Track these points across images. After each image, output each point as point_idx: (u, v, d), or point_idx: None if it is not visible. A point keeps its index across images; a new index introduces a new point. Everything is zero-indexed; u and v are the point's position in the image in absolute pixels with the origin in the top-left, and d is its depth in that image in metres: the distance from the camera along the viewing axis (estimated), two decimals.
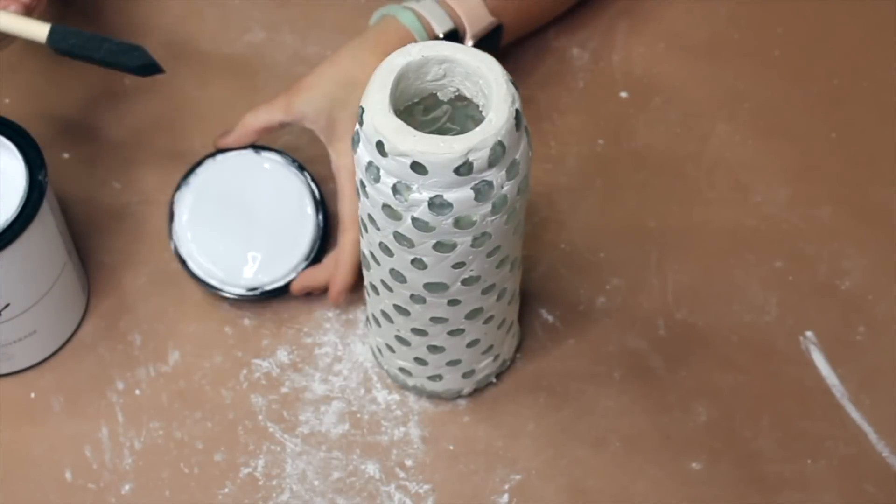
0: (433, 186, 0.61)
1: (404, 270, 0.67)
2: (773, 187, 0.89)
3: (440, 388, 0.78)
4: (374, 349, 0.80)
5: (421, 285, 0.68)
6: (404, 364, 0.77)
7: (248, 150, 0.84)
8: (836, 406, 0.81)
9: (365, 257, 0.71)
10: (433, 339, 0.73)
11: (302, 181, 0.83)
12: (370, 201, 0.64)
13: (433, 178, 0.61)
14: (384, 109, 0.61)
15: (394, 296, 0.70)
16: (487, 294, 0.70)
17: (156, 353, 0.81)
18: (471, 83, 0.64)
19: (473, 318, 0.71)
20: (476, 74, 0.63)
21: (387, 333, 0.75)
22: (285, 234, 0.82)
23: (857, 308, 0.85)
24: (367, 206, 0.65)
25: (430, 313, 0.70)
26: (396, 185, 0.62)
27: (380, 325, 0.75)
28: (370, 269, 0.70)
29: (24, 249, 0.71)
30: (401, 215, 0.63)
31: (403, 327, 0.73)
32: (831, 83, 0.93)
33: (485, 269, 0.67)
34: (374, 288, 0.72)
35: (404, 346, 0.74)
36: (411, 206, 0.62)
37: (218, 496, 0.77)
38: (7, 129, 0.73)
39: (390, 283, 0.69)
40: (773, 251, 0.86)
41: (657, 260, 0.86)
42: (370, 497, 0.77)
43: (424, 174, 0.61)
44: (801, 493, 0.78)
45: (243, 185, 0.83)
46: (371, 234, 0.67)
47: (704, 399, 0.81)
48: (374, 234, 0.66)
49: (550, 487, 0.78)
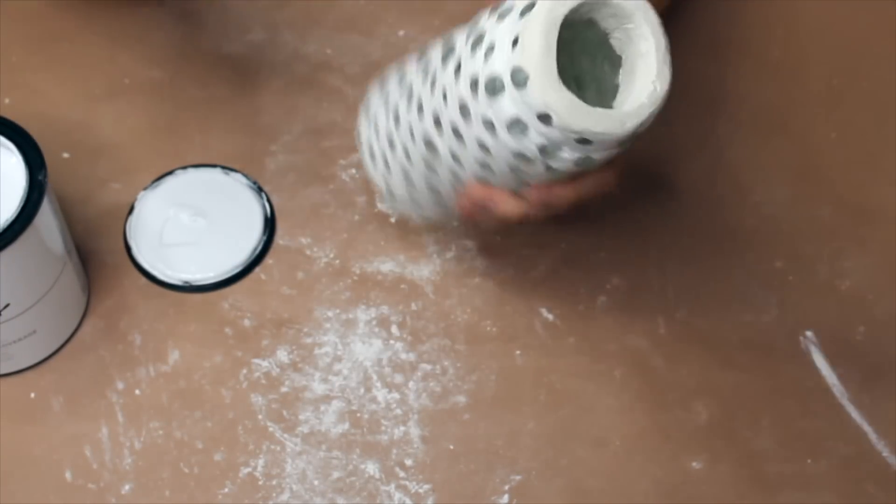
0: (588, 150, 0.59)
1: (466, 162, 0.65)
2: (773, 187, 0.89)
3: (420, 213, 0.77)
4: (366, 152, 0.78)
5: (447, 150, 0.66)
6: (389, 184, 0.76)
7: (217, 169, 0.88)
8: (836, 406, 0.81)
9: (418, 102, 0.68)
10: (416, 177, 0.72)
11: (258, 202, 0.87)
12: (497, 143, 0.61)
13: (592, 147, 0.58)
14: (553, 80, 0.57)
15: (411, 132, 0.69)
16: None
17: (156, 353, 0.81)
18: (623, 34, 0.60)
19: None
20: (637, 27, 0.59)
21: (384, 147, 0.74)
22: (228, 242, 0.85)
23: (857, 308, 0.85)
24: (489, 142, 0.62)
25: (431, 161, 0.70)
26: (546, 146, 0.59)
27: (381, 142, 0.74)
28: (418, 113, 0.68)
29: (24, 249, 0.71)
30: (533, 161, 0.60)
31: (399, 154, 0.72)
32: (831, 83, 0.93)
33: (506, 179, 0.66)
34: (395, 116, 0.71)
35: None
36: (554, 161, 0.60)
37: (218, 496, 0.77)
38: (7, 129, 0.73)
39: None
40: (773, 251, 0.87)
41: (657, 260, 0.86)
42: (370, 497, 0.77)
43: (587, 144, 0.58)
44: (801, 493, 0.78)
45: (203, 196, 0.87)
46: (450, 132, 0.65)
47: (704, 399, 0.81)
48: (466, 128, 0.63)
49: (550, 487, 0.78)
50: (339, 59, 0.93)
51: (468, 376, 0.81)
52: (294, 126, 0.90)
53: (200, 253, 0.85)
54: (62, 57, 0.92)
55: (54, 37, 0.93)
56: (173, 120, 0.90)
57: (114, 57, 0.92)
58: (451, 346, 0.82)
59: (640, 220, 0.87)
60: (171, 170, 0.88)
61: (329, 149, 0.90)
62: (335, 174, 0.89)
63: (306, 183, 0.88)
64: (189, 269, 0.84)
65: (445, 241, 0.86)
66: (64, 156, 0.88)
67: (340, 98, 0.92)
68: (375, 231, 0.86)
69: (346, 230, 0.86)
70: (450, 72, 0.65)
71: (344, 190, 0.88)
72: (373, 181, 0.78)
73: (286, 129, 0.90)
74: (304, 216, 0.87)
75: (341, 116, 0.91)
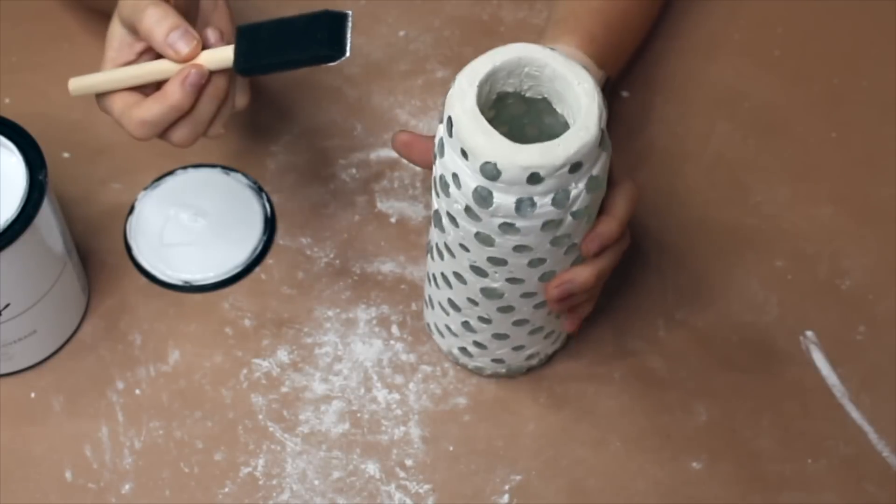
0: (544, 189, 0.62)
1: (483, 266, 0.68)
2: (773, 187, 0.89)
3: (502, 367, 0.79)
4: (431, 327, 0.80)
5: (502, 280, 0.69)
6: (466, 346, 0.77)
7: (217, 169, 0.88)
8: (836, 406, 0.81)
9: (436, 248, 0.71)
10: (499, 326, 0.74)
11: (258, 202, 0.86)
12: (451, 201, 0.65)
13: (543, 184, 0.62)
14: (481, 126, 0.62)
15: (465, 289, 0.71)
16: (543, 291, 0.71)
17: (156, 353, 0.81)
18: (556, 90, 0.65)
19: (541, 307, 0.72)
20: (564, 83, 0.64)
21: (450, 319, 0.76)
22: (228, 242, 0.85)
23: (857, 308, 0.85)
24: (449, 205, 0.66)
25: (500, 304, 0.72)
26: (518, 202, 0.63)
27: (446, 310, 0.75)
28: (443, 259, 0.71)
29: (24, 249, 0.71)
30: (482, 219, 0.64)
31: (471, 315, 0.74)
32: (831, 83, 0.93)
33: (556, 262, 0.68)
34: (444, 277, 0.73)
35: (469, 331, 0.75)
36: (531, 216, 0.63)
37: (218, 496, 0.77)
38: (7, 129, 0.73)
39: (465, 277, 0.70)
40: (773, 251, 0.87)
41: (657, 260, 0.86)
42: (370, 497, 0.77)
43: (538, 182, 0.62)
44: (801, 493, 0.78)
45: (203, 196, 0.87)
46: (448, 233, 0.68)
47: (704, 399, 0.81)
48: (453, 231, 0.67)
49: (550, 487, 0.78)
50: None
51: (468, 378, 0.81)
52: (294, 126, 0.91)
53: (200, 253, 0.85)
54: (62, 57, 0.92)
55: (54, 37, 0.93)
56: None
57: None
58: None
59: (639, 220, 0.87)
60: (171, 170, 0.88)
61: (329, 149, 0.90)
62: (335, 174, 0.89)
63: (306, 183, 0.88)
64: (189, 269, 0.84)
65: None
66: (64, 156, 0.88)
67: (340, 98, 0.92)
68: (375, 231, 0.86)
69: (346, 230, 0.86)
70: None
71: (344, 190, 0.88)
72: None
73: (286, 129, 0.90)
74: (304, 216, 0.87)
75: (341, 116, 0.91)
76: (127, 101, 0.71)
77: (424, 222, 0.87)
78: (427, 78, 0.93)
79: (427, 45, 0.95)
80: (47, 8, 0.93)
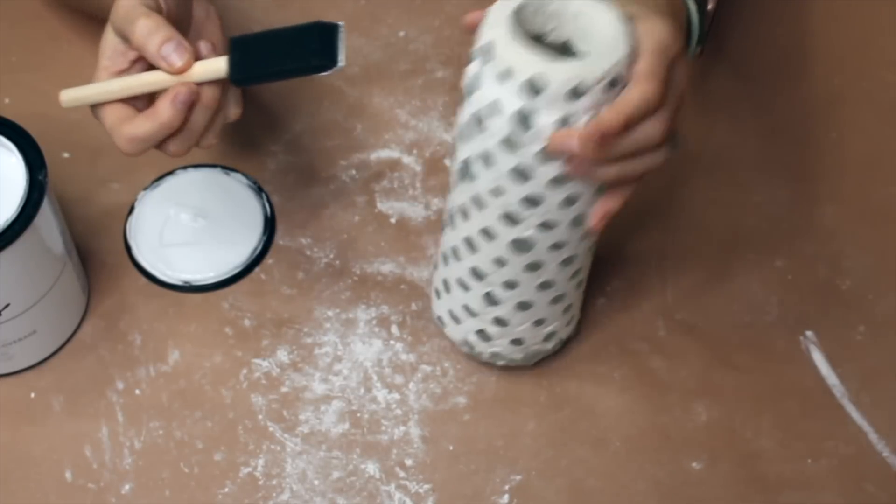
0: (578, 104, 0.64)
1: (516, 210, 0.68)
2: (773, 187, 0.89)
3: (518, 352, 0.78)
4: (443, 318, 0.80)
5: (534, 226, 0.69)
6: (484, 327, 0.77)
7: (217, 169, 0.88)
8: (836, 406, 0.81)
9: (460, 211, 0.71)
10: (524, 292, 0.73)
11: (258, 202, 0.86)
12: (487, 137, 0.65)
13: (580, 101, 0.63)
14: (524, 43, 0.63)
15: (492, 247, 0.71)
16: (573, 243, 0.71)
17: (156, 353, 0.81)
18: (580, 28, 0.66)
19: (568, 265, 0.73)
20: (588, 18, 0.65)
21: (470, 295, 0.75)
22: (228, 242, 0.85)
23: (857, 308, 0.85)
24: (483, 142, 0.66)
25: (529, 259, 0.71)
26: (519, 110, 0.63)
27: (465, 287, 0.75)
28: (468, 219, 0.71)
29: (24, 249, 0.71)
30: (521, 146, 0.65)
31: (495, 282, 0.73)
32: (831, 83, 0.93)
33: (588, 202, 0.69)
34: (468, 243, 0.72)
35: (491, 305, 0.75)
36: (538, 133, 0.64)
37: (218, 496, 0.77)
38: (7, 129, 0.73)
39: (495, 230, 0.70)
40: (773, 251, 0.87)
41: (657, 260, 0.86)
42: (370, 497, 0.77)
43: (577, 97, 0.63)
44: (801, 493, 0.78)
45: (203, 196, 0.87)
46: (479, 179, 0.68)
47: (704, 399, 0.81)
48: (484, 175, 0.67)
49: (550, 487, 0.78)
50: None
51: (468, 377, 0.81)
52: (294, 126, 0.91)
53: (200, 253, 0.85)
54: (62, 57, 0.92)
55: (54, 37, 0.93)
56: None
57: None
58: (452, 347, 0.82)
59: (639, 220, 0.87)
60: (171, 170, 0.88)
61: (329, 149, 0.90)
62: (335, 174, 0.89)
63: (306, 183, 0.88)
64: (189, 269, 0.84)
65: None
66: (64, 156, 0.88)
67: (340, 98, 0.92)
68: (375, 232, 0.86)
69: (346, 230, 0.86)
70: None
71: (344, 190, 0.88)
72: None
73: (286, 129, 0.90)
74: (304, 216, 0.87)
75: (341, 116, 0.91)
76: (119, 114, 0.71)
77: (424, 222, 0.87)
78: (427, 78, 0.93)
79: (427, 45, 0.95)
80: (47, 8, 0.93)
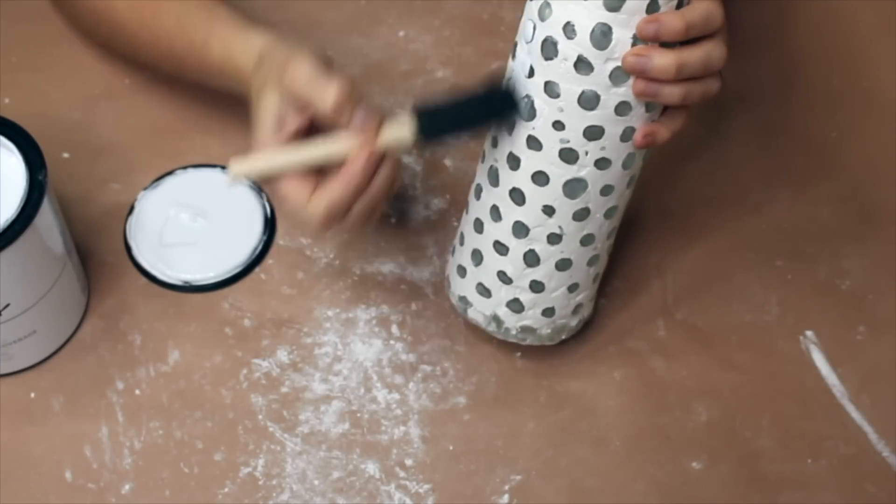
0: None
1: (576, 144, 0.68)
2: (773, 187, 0.89)
3: (547, 326, 0.78)
4: (468, 297, 0.79)
5: (591, 163, 0.69)
6: (519, 295, 0.76)
7: (217, 169, 0.88)
8: (836, 406, 0.81)
9: (507, 163, 0.71)
10: (566, 246, 0.73)
11: (258, 202, 0.87)
12: (559, 62, 0.66)
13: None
14: None
15: (544, 193, 0.71)
16: (619, 190, 0.72)
17: (156, 353, 0.81)
18: None
19: (611, 216, 0.73)
20: None
21: (508, 259, 0.75)
22: (228, 242, 0.85)
23: (857, 308, 0.85)
24: (551, 71, 0.66)
25: (579, 205, 0.71)
26: (597, 27, 0.64)
27: (503, 250, 0.74)
28: (518, 168, 0.71)
29: (24, 249, 0.71)
30: (594, 67, 0.66)
31: (539, 237, 0.73)
32: (831, 83, 0.93)
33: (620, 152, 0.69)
34: (514, 195, 0.72)
35: (530, 266, 0.74)
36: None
37: (218, 496, 0.77)
38: (7, 129, 0.73)
39: (550, 171, 0.70)
40: (773, 251, 0.87)
41: (657, 260, 0.86)
42: (370, 497, 0.77)
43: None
44: (801, 493, 0.78)
45: (203, 196, 0.87)
46: (540, 114, 0.68)
47: (704, 399, 0.81)
48: (547, 108, 0.67)
49: (550, 487, 0.78)
50: (339, 60, 0.92)
51: (468, 378, 0.81)
52: None
53: (200, 253, 0.85)
54: (62, 57, 0.92)
55: (54, 37, 0.93)
56: (173, 120, 0.90)
57: (114, 57, 0.92)
58: (451, 347, 0.82)
59: (639, 220, 0.87)
60: (171, 170, 0.88)
61: None
62: None
63: None
64: (189, 269, 0.84)
65: (445, 242, 0.86)
66: (64, 156, 0.88)
67: None
68: (375, 232, 0.86)
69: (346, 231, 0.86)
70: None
71: None
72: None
73: None
74: None
75: None
76: (306, 186, 0.70)
77: (424, 222, 0.87)
78: (427, 78, 0.93)
79: (427, 45, 0.95)
80: (47, 8, 0.93)
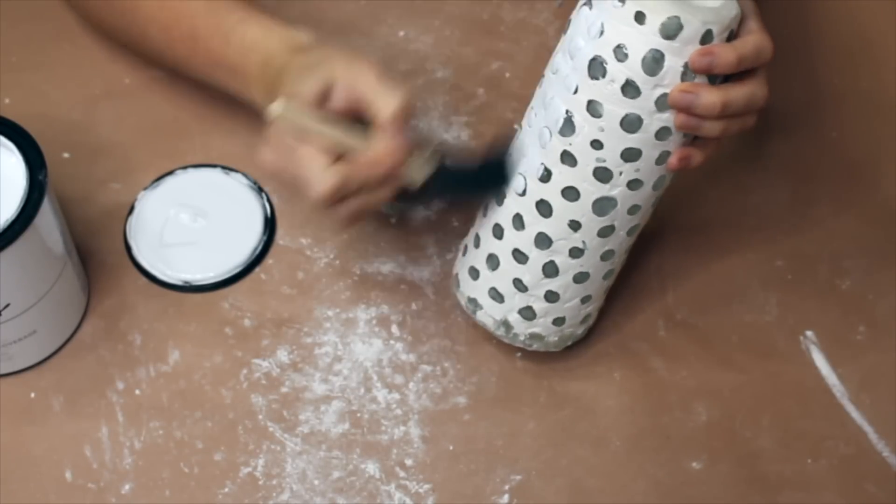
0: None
1: (613, 164, 0.69)
2: (773, 187, 0.89)
3: (555, 334, 0.78)
4: (479, 300, 0.79)
5: (624, 183, 0.70)
6: (532, 304, 0.76)
7: (217, 169, 0.88)
8: (836, 406, 0.81)
9: (537, 174, 0.72)
10: (587, 261, 0.74)
11: (258, 202, 0.87)
12: (607, 83, 0.67)
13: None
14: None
15: (573, 208, 0.72)
16: (645, 209, 0.73)
17: (156, 353, 0.81)
18: None
19: (633, 233, 0.74)
20: None
21: (526, 268, 0.75)
22: (228, 242, 0.85)
23: (857, 308, 0.85)
24: (597, 91, 0.67)
25: (605, 223, 0.72)
26: (650, 53, 0.65)
27: (522, 259, 0.75)
28: (549, 180, 0.71)
29: (24, 249, 0.71)
30: (642, 92, 0.66)
31: (561, 250, 0.73)
32: (831, 83, 0.93)
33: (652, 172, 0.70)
34: (541, 207, 0.72)
35: (548, 277, 0.75)
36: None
37: (218, 496, 0.77)
38: (7, 129, 0.73)
39: (582, 188, 0.71)
40: (773, 251, 0.87)
41: (657, 260, 0.86)
42: (370, 497, 0.77)
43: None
44: (801, 493, 0.78)
45: (203, 196, 0.87)
46: (579, 131, 0.69)
47: (704, 399, 0.81)
48: (588, 126, 0.68)
49: (550, 487, 0.78)
50: None
51: (468, 377, 0.81)
52: None
53: (200, 253, 0.85)
54: (62, 57, 0.92)
55: (54, 37, 0.93)
56: (173, 120, 0.90)
57: (114, 57, 0.92)
58: (452, 347, 0.82)
59: None
60: (171, 170, 0.88)
61: None
62: None
63: None
64: (189, 269, 0.84)
65: (445, 242, 0.86)
66: (64, 156, 0.88)
67: None
68: (375, 232, 0.86)
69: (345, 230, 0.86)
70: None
71: None
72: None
73: None
74: (304, 216, 0.87)
75: None
76: (326, 158, 0.72)
77: (424, 222, 0.87)
78: (427, 78, 0.93)
79: (427, 45, 0.95)
80: (47, 8, 0.93)
